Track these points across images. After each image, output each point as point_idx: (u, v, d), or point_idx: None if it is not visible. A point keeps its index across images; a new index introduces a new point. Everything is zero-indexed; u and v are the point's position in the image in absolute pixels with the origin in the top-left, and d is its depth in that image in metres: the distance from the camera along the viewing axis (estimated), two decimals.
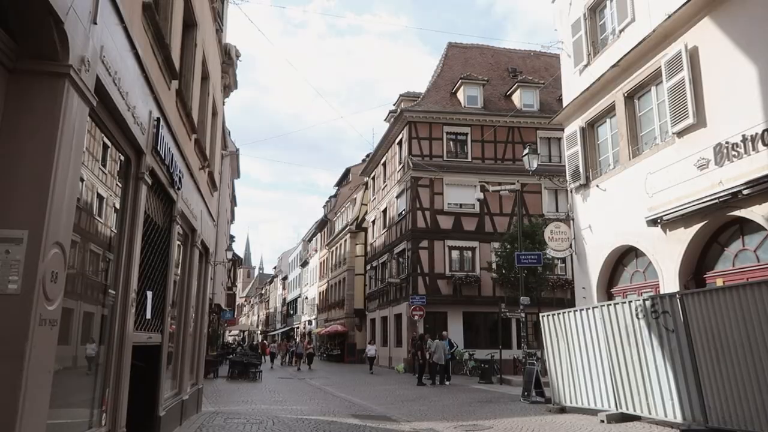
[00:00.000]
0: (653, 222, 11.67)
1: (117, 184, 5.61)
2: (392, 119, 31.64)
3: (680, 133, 11.18)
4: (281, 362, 38.12)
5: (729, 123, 9.99)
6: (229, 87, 15.29)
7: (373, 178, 37.56)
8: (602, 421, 10.00)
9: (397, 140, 30.79)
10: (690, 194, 10.66)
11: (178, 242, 9.05)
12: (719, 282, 10.39)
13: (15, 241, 3.28)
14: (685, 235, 11.13)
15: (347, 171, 51.61)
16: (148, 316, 6.92)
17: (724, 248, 10.88)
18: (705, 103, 10.67)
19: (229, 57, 14.26)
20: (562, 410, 11.69)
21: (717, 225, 10.75)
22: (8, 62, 3.43)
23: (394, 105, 33.68)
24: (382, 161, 34.82)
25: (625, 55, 12.57)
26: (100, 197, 5.20)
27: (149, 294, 6.91)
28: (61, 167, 3.55)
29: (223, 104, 15.47)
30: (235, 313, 53.23)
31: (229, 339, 55.24)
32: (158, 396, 7.57)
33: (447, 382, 20.10)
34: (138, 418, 6.78)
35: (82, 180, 4.33)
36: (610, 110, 13.96)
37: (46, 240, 3.40)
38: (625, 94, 13.21)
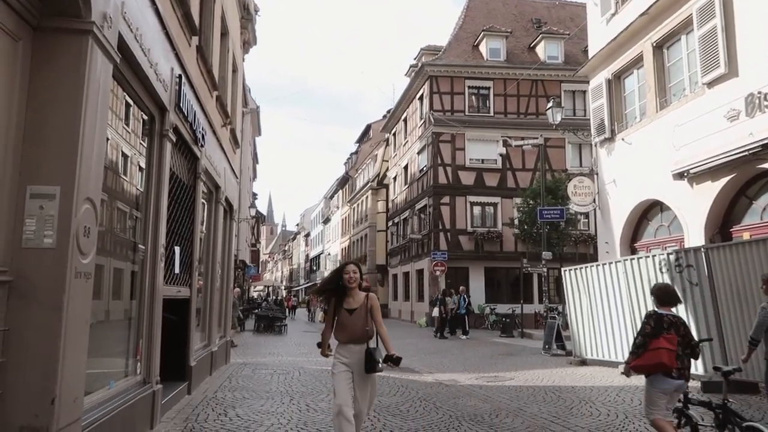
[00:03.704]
0: (680, 175, 11.47)
1: (141, 143, 5.69)
2: (413, 74, 31.13)
3: (710, 84, 10.85)
4: (312, 318, 35.46)
5: (762, 72, 9.65)
6: (248, 43, 15.17)
7: (394, 134, 37.27)
8: (622, 373, 10.08)
9: (418, 95, 30.38)
10: (719, 147, 10.41)
11: (203, 199, 9.19)
12: (746, 236, 10.24)
13: (48, 197, 3.39)
14: (712, 189, 10.94)
15: (368, 127, 51.26)
16: (177, 270, 7.11)
17: (752, 201, 10.68)
18: (737, 52, 10.30)
19: (248, 12, 14.10)
20: (583, 363, 11.83)
21: (746, 178, 10.54)
22: (32, 20, 3.46)
23: (414, 59, 33.06)
24: (403, 117, 34.46)
25: (655, 3, 12.11)
26: (125, 156, 5.29)
27: (177, 249, 7.09)
28: (88, 123, 3.61)
29: (243, 61, 15.38)
30: (260, 269, 54.21)
31: (254, 294, 56.42)
32: (189, 347, 7.85)
33: (464, 336, 20.37)
34: (171, 367, 7.07)
35: (107, 139, 4.40)
36: (637, 61, 13.56)
37: (78, 195, 3.49)
38: (654, 44, 12.79)
